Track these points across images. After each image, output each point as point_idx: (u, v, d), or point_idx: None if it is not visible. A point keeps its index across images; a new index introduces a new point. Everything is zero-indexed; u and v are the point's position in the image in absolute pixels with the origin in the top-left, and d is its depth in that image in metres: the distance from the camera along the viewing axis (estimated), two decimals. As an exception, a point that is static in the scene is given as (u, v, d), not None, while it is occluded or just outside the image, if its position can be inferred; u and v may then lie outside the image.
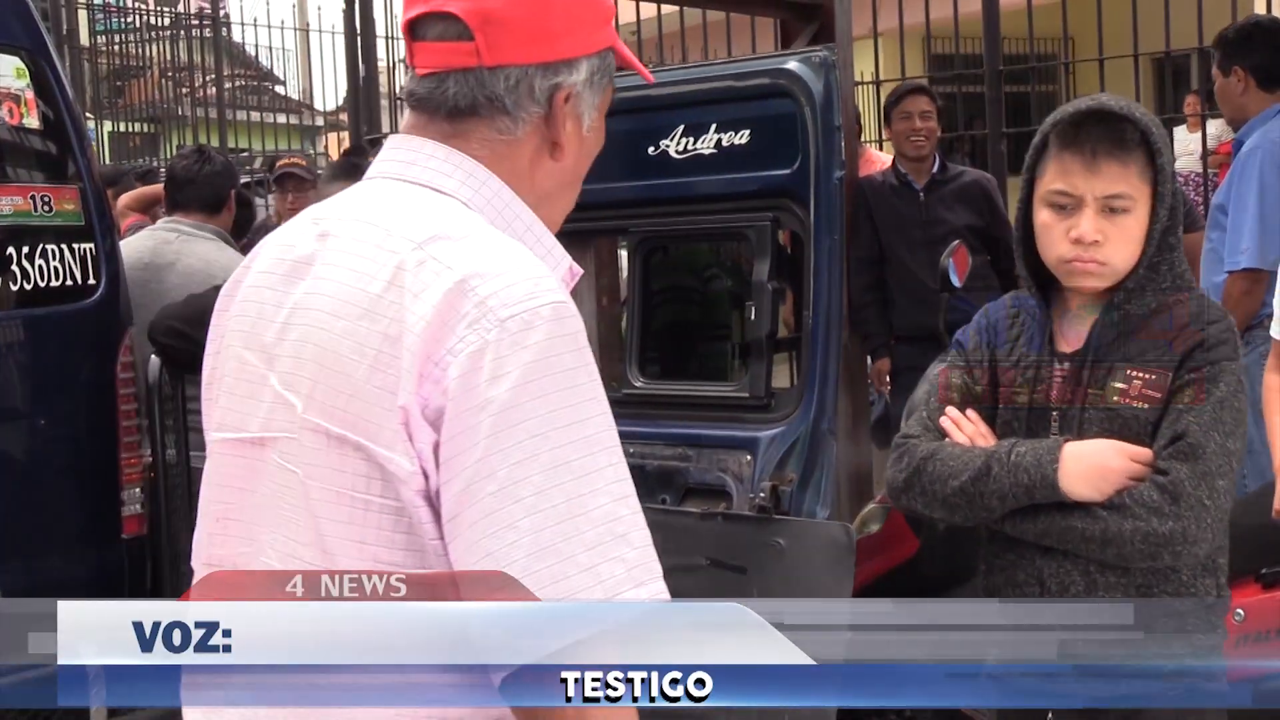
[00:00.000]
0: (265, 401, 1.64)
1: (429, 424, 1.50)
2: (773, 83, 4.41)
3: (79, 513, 4.02)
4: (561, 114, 1.70)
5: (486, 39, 1.64)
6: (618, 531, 1.54)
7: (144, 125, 16.18)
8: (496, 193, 1.68)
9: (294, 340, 1.62)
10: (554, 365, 1.52)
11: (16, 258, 3.84)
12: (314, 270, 1.63)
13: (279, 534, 1.62)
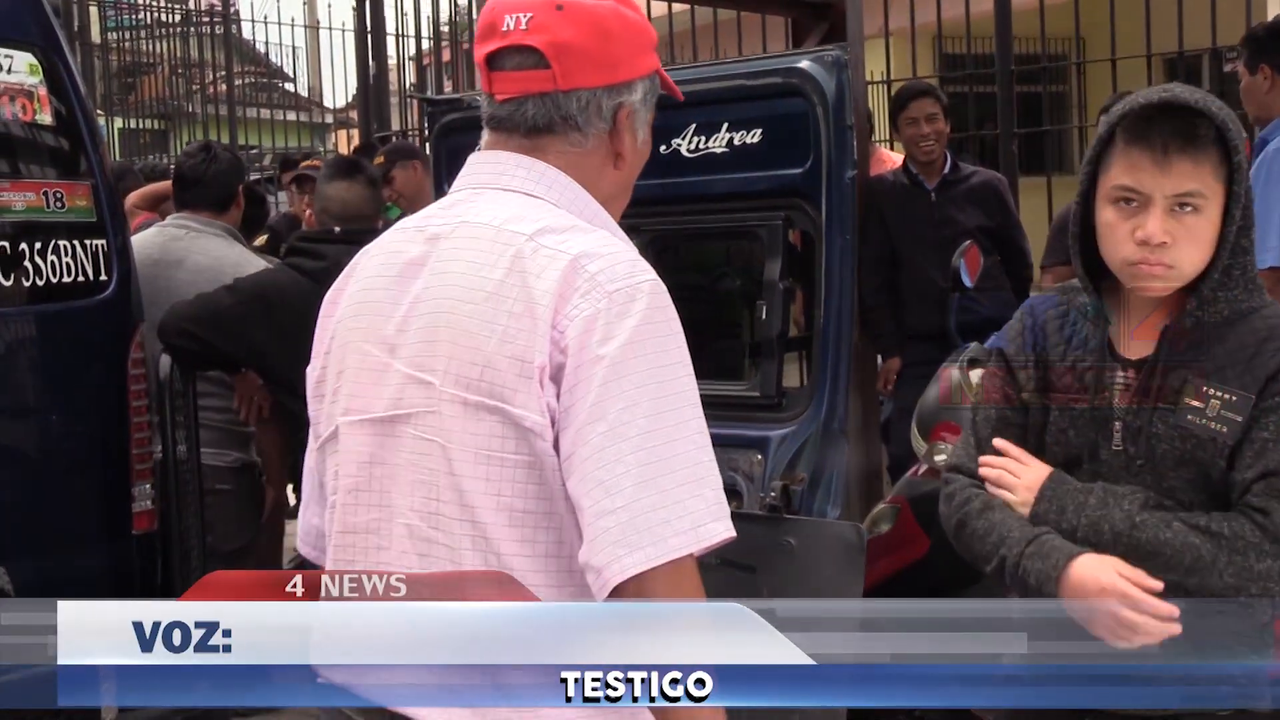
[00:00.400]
0: (391, 385, 1.92)
1: (552, 380, 1.81)
2: (785, 82, 4.40)
3: (90, 508, 4.02)
4: (623, 129, 2.00)
5: (562, 67, 1.94)
6: (699, 475, 1.82)
7: (154, 122, 16.20)
8: (577, 195, 1.98)
9: (419, 328, 1.90)
10: (652, 330, 1.83)
11: (29, 253, 3.84)
12: (429, 268, 1.93)
13: (417, 496, 1.89)
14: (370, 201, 4.46)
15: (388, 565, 1.92)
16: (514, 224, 1.90)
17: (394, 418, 1.92)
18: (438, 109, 5.26)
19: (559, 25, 1.95)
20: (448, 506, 1.87)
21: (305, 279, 4.25)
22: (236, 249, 4.88)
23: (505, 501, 1.85)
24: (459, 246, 1.92)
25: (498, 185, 1.99)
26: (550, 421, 1.82)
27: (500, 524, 1.85)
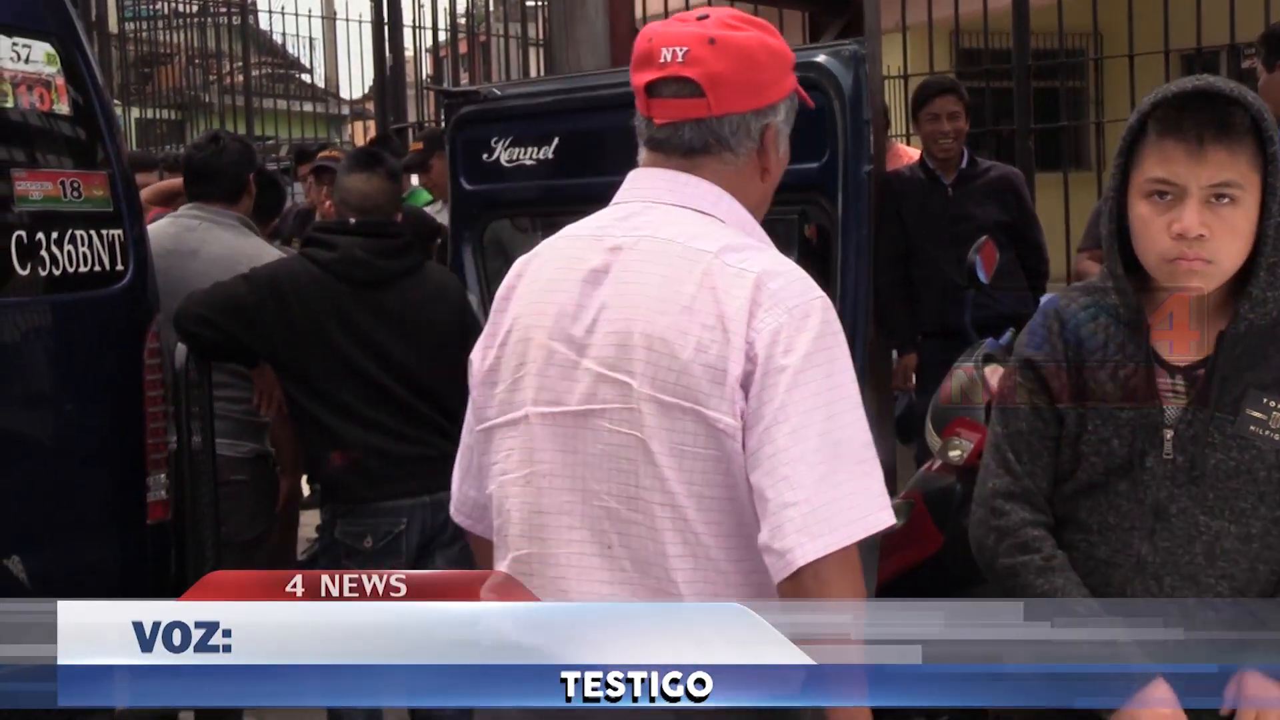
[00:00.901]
0: (582, 381, 2.15)
1: (742, 387, 2.07)
2: (802, 76, 4.37)
3: (104, 498, 4.03)
4: (769, 146, 2.25)
5: (715, 96, 2.19)
6: (866, 470, 2.08)
7: (171, 112, 16.22)
8: (739, 211, 2.23)
9: (609, 332, 2.14)
10: (825, 343, 2.08)
11: (46, 243, 3.85)
12: (613, 276, 2.17)
13: (614, 483, 2.14)
14: (389, 194, 4.46)
15: (580, 544, 2.18)
16: (697, 241, 2.15)
17: (588, 412, 2.16)
18: (454, 101, 5.26)
19: (712, 58, 2.20)
20: (647, 492, 2.12)
21: (319, 269, 4.25)
22: (251, 239, 4.88)
23: (696, 489, 2.10)
24: (645, 259, 2.17)
25: (669, 201, 2.24)
26: (740, 423, 2.07)
27: (693, 508, 2.10)
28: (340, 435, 4.23)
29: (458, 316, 4.48)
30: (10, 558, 3.72)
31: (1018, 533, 2.39)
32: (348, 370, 4.22)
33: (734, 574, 2.13)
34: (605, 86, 4.96)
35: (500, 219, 5.72)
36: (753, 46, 2.24)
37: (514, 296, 2.31)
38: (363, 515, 4.26)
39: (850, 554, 2.07)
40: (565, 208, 5.17)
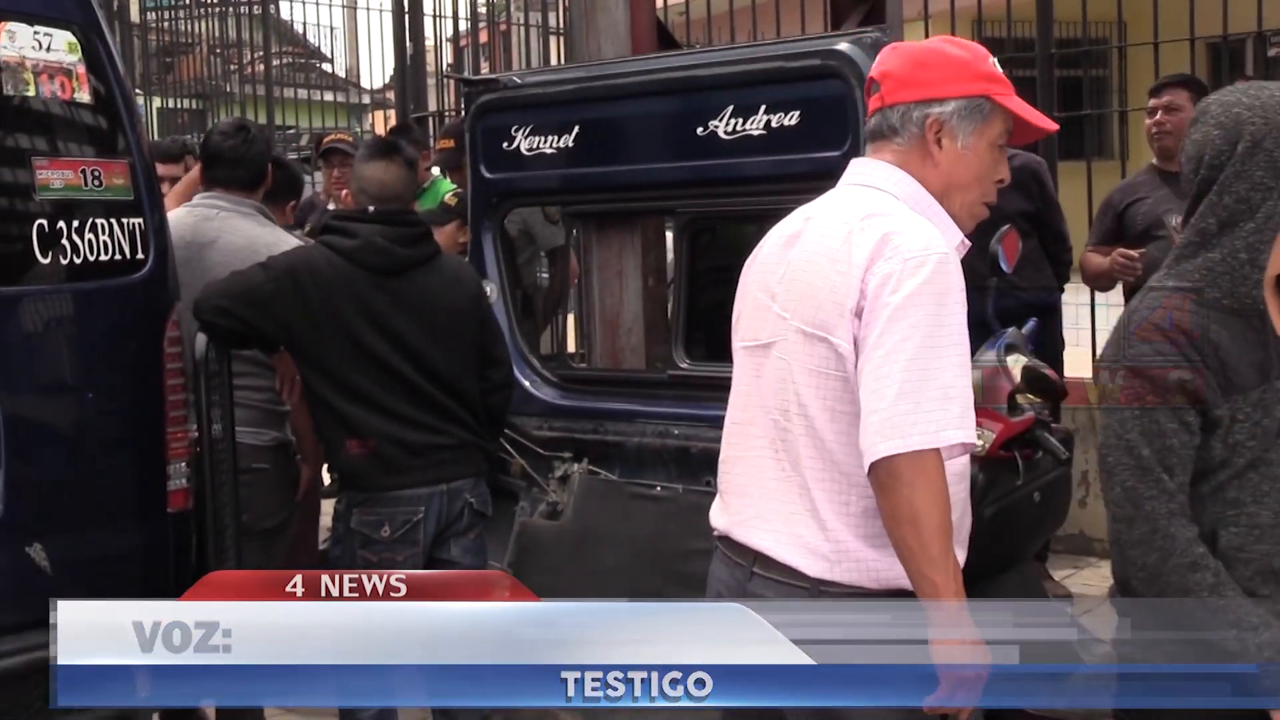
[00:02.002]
0: (769, 322, 2.73)
1: (857, 317, 2.55)
2: (824, 64, 4.38)
3: (125, 487, 4.03)
4: (931, 134, 2.69)
5: (886, 88, 2.73)
6: (950, 395, 2.50)
7: (192, 102, 16.23)
8: (909, 184, 2.69)
9: (789, 282, 2.70)
10: (931, 288, 2.51)
11: (66, 231, 3.85)
12: (801, 240, 2.72)
13: (775, 400, 2.69)
14: (406, 182, 4.46)
15: (759, 449, 2.73)
16: (853, 209, 2.66)
17: (767, 344, 2.73)
18: (474, 89, 5.26)
19: (889, 59, 2.76)
20: (793, 406, 2.65)
21: (338, 257, 4.25)
22: (269, 228, 4.88)
23: (828, 405, 2.61)
24: (820, 226, 2.70)
25: (855, 181, 2.76)
26: (854, 348, 2.56)
27: (825, 419, 2.61)
28: (357, 423, 4.23)
29: (474, 305, 4.47)
30: (33, 545, 3.72)
31: (1185, 552, 2.53)
32: (365, 358, 4.22)
33: (857, 476, 2.56)
34: (626, 75, 4.95)
35: (520, 207, 5.72)
36: (923, 51, 2.77)
37: (755, 260, 2.87)
38: (380, 504, 4.26)
39: (925, 463, 2.46)
40: (585, 196, 5.19)
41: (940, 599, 2.48)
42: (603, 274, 5.23)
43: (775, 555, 2.68)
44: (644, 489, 4.63)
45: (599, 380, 5.13)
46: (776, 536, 2.68)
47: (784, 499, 2.68)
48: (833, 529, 2.62)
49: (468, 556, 4.43)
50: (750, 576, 2.73)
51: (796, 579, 2.64)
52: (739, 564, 2.77)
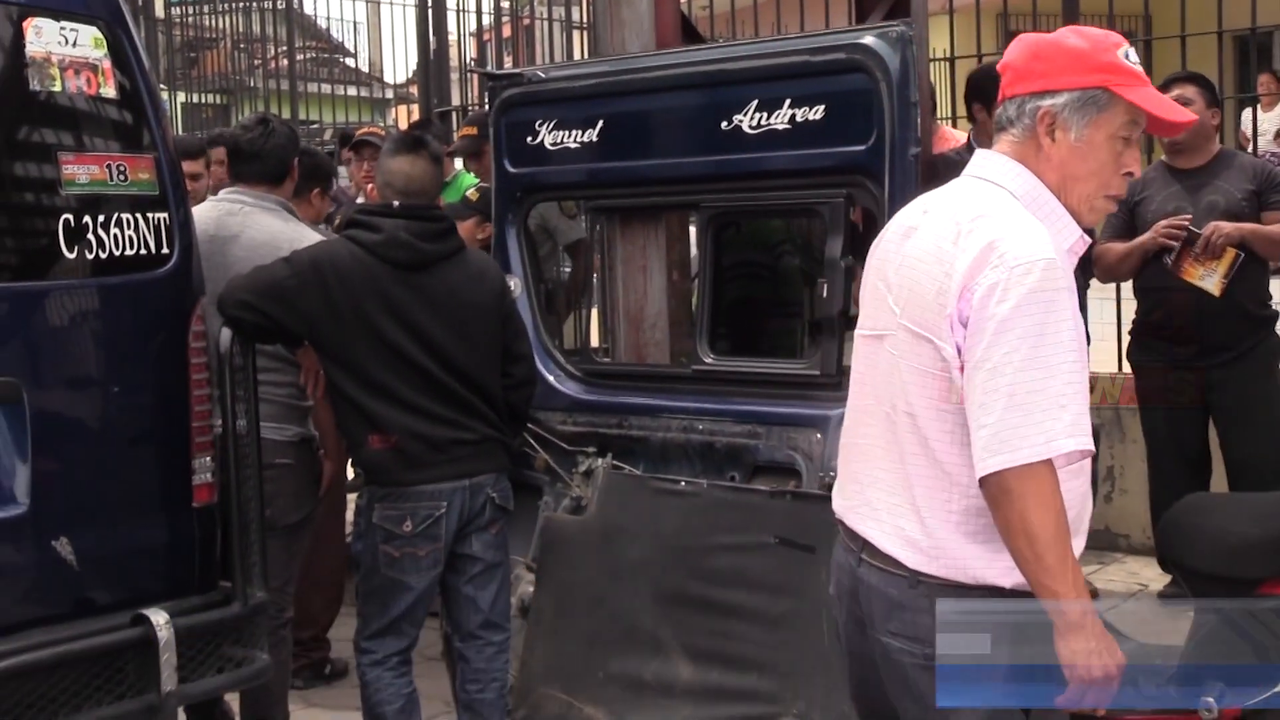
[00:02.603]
0: (883, 313, 2.78)
1: (962, 326, 2.59)
2: (849, 58, 4.37)
3: (150, 481, 4.04)
4: (1042, 125, 2.71)
5: (1006, 80, 2.77)
6: (1061, 403, 2.52)
7: (216, 97, 16.27)
8: (1025, 179, 2.71)
9: (901, 275, 2.75)
10: (1039, 298, 2.53)
11: (92, 226, 3.85)
12: (915, 234, 2.75)
13: (885, 392, 2.76)
14: (432, 177, 4.46)
15: (871, 437, 2.81)
16: (966, 207, 2.70)
17: (880, 335, 2.79)
18: (498, 84, 5.26)
19: (1012, 51, 2.79)
20: (900, 402, 2.72)
21: (362, 251, 4.25)
22: (292, 224, 4.89)
23: (932, 403, 2.67)
24: (934, 222, 2.73)
25: (974, 174, 2.80)
26: (959, 354, 2.60)
27: (930, 418, 2.67)
28: (380, 418, 4.24)
29: (497, 301, 4.47)
30: (59, 539, 3.73)
31: None
32: (388, 353, 4.22)
33: (960, 476, 2.63)
34: (650, 69, 4.94)
35: (544, 201, 5.71)
36: (1044, 43, 2.77)
37: (877, 250, 2.90)
38: (402, 499, 4.26)
39: (1032, 473, 2.50)
40: (609, 190, 5.18)
41: (1062, 606, 2.54)
42: (627, 268, 5.22)
43: (878, 544, 2.76)
44: (668, 484, 4.62)
45: (623, 375, 5.13)
46: (881, 526, 2.77)
47: (889, 490, 2.76)
48: (931, 525, 2.68)
49: (490, 551, 4.43)
50: (860, 562, 2.83)
51: (896, 568, 2.73)
52: (851, 549, 2.88)
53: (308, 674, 5.86)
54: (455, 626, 4.52)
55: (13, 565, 3.68)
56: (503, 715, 4.53)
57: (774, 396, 4.63)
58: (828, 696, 4.15)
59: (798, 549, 4.27)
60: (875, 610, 2.78)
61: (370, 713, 4.40)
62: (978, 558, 2.65)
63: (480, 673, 4.45)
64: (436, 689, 5.17)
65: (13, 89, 3.77)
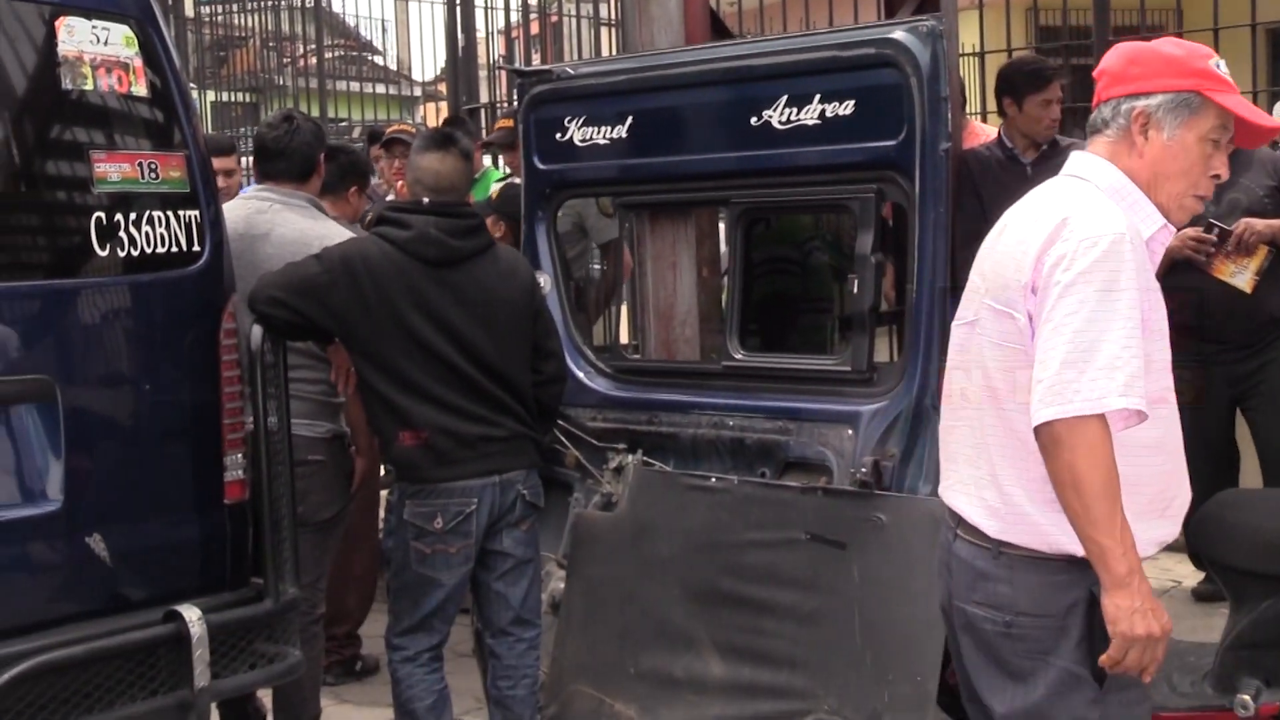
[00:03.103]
0: (975, 301, 2.98)
1: (1033, 294, 2.77)
2: (879, 53, 4.35)
3: (182, 478, 4.05)
4: (1136, 126, 2.89)
5: (1101, 85, 2.97)
6: (1115, 365, 2.66)
7: (245, 95, 16.32)
8: (1114, 175, 2.88)
9: (992, 264, 2.94)
10: (1103, 266, 2.70)
11: (124, 224, 3.87)
12: (1007, 229, 2.96)
13: (978, 369, 2.94)
14: (462, 174, 4.46)
15: (964, 417, 2.99)
16: (1052, 200, 2.89)
17: (973, 322, 2.97)
18: (527, 80, 5.26)
19: (1108, 58, 2.99)
20: (982, 377, 2.92)
21: (392, 248, 4.26)
22: (321, 220, 4.89)
23: (1010, 375, 2.83)
24: (1024, 215, 2.94)
25: (1066, 172, 2.99)
26: (1030, 321, 2.78)
27: (1008, 390, 2.84)
28: (410, 415, 4.24)
29: (528, 297, 4.47)
30: (92, 536, 3.75)
31: None
32: (419, 349, 4.23)
33: (1034, 443, 2.73)
34: (679, 65, 4.93)
35: (573, 198, 5.71)
36: (1139, 48, 2.97)
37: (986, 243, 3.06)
38: (432, 495, 4.26)
39: (1083, 426, 2.65)
40: (638, 187, 5.18)
41: (1107, 560, 2.67)
42: (657, 265, 5.21)
43: (966, 516, 2.94)
44: (699, 480, 4.62)
45: (653, 371, 5.12)
46: (969, 499, 2.94)
47: (973, 463, 2.94)
48: (1009, 491, 2.85)
49: (520, 548, 4.43)
50: (955, 538, 2.99)
51: (982, 540, 2.90)
52: (949, 525, 3.04)
53: (339, 670, 5.88)
54: (486, 623, 4.52)
55: (47, 562, 3.70)
56: (534, 711, 4.53)
57: (805, 392, 4.62)
58: (859, 692, 4.14)
59: (829, 545, 4.26)
60: (963, 580, 2.95)
61: (402, 709, 4.40)
62: (1053, 525, 2.78)
63: (511, 669, 4.46)
64: (467, 685, 5.18)
65: (45, 88, 3.79)
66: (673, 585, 4.59)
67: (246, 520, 4.14)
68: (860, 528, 4.21)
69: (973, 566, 2.92)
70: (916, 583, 4.09)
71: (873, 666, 4.13)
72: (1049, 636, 2.83)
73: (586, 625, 4.76)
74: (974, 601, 2.92)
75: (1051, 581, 2.82)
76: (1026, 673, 2.86)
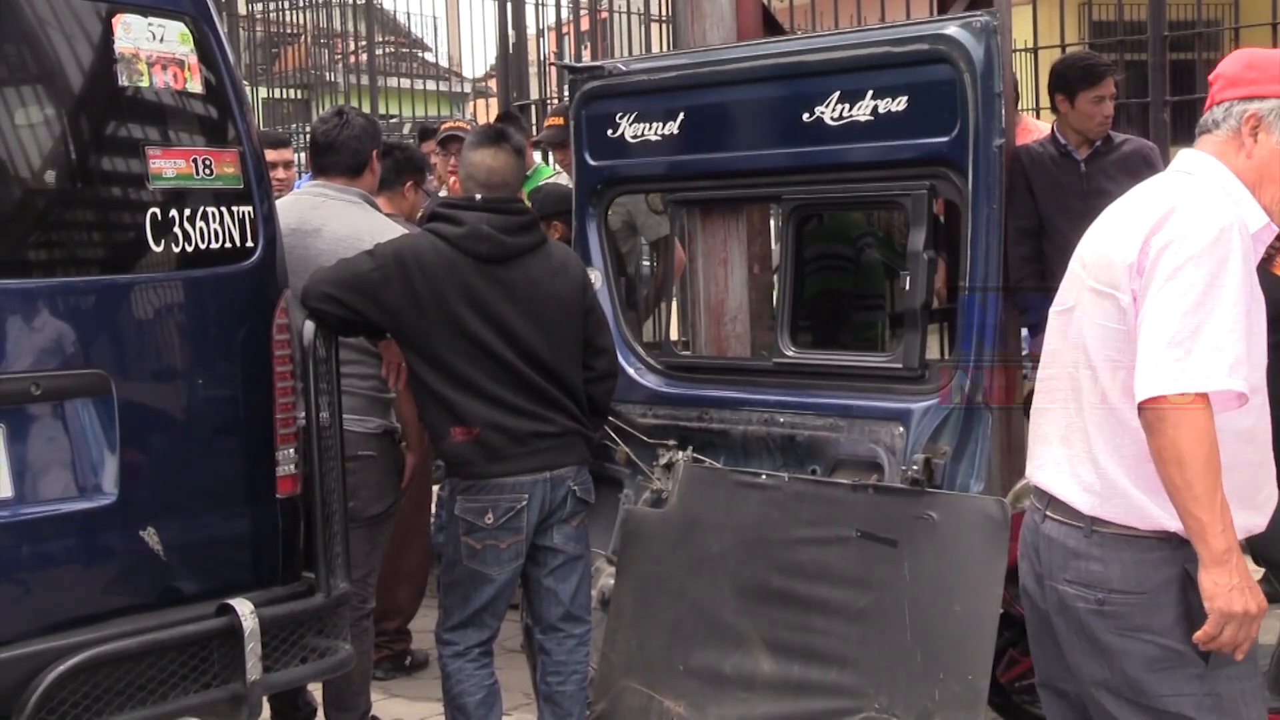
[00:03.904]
0: (1076, 287, 3.06)
1: (1138, 275, 2.85)
2: (932, 48, 4.33)
3: (235, 472, 4.07)
4: (1246, 126, 2.98)
5: (1215, 88, 3.06)
6: (1218, 346, 2.76)
7: (296, 92, 16.40)
8: (1220, 172, 2.97)
9: (1096, 251, 3.04)
10: (1211, 253, 2.79)
11: (179, 219, 3.89)
12: (1113, 219, 3.04)
13: (1071, 355, 3.03)
14: (515, 170, 4.47)
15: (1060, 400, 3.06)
16: (1159, 191, 2.98)
17: (1071, 307, 3.05)
18: (579, 76, 5.26)
19: (1226, 63, 3.10)
20: (1082, 358, 2.99)
21: (444, 244, 4.27)
22: (373, 216, 4.91)
23: (1110, 357, 2.92)
24: (1130, 205, 3.02)
25: (1174, 167, 3.07)
26: (1133, 301, 2.85)
27: (1108, 370, 2.93)
28: (462, 410, 4.25)
29: (579, 294, 4.47)
30: (146, 529, 3.78)
31: None
32: (470, 345, 4.24)
33: (1131, 420, 2.84)
34: (731, 62, 4.92)
35: (624, 195, 5.71)
36: (1259, 55, 3.06)
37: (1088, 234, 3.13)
38: (483, 491, 4.27)
39: (1186, 403, 2.73)
40: (690, 183, 5.17)
41: (1206, 536, 2.73)
42: (708, 261, 5.20)
43: (1059, 494, 3.01)
44: (749, 477, 4.61)
45: (704, 368, 5.11)
46: (1061, 476, 3.01)
47: (1067, 442, 3.01)
48: (1105, 466, 2.93)
49: (570, 544, 4.44)
50: (1044, 519, 3.06)
51: (1075, 518, 2.97)
52: (1037, 507, 3.11)
53: (388, 665, 5.90)
54: (536, 619, 4.53)
55: (101, 555, 3.73)
56: (583, 707, 4.53)
57: (856, 390, 4.60)
58: (910, 691, 4.12)
59: (879, 543, 4.24)
60: (1054, 560, 3.00)
61: (451, 704, 4.42)
62: (1150, 501, 2.86)
63: (561, 665, 4.46)
64: (517, 681, 5.19)
65: (102, 85, 3.82)
66: (722, 582, 4.58)
67: (298, 515, 4.16)
68: (911, 525, 4.19)
69: (1064, 545, 2.98)
70: (968, 581, 4.07)
71: (923, 665, 4.10)
72: (1142, 613, 2.88)
73: (636, 621, 4.76)
74: (1066, 580, 2.98)
75: (1145, 559, 2.88)
76: (1120, 649, 2.91)
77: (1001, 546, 4.01)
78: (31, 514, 3.61)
